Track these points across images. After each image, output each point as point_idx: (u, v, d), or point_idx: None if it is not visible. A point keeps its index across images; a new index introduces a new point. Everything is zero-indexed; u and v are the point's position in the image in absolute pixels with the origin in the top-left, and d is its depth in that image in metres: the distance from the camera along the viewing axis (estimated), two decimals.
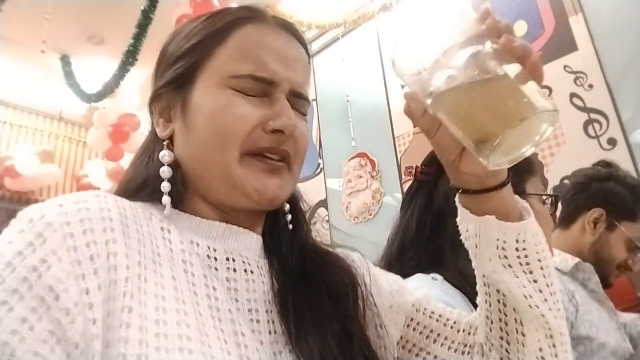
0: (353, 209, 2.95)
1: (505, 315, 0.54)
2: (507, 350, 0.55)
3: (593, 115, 2.10)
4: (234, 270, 0.50)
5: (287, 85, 0.52)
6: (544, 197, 1.07)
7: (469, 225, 0.54)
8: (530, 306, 0.51)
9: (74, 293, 0.37)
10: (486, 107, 0.44)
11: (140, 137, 3.84)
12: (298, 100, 0.54)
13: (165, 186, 0.51)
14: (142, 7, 2.96)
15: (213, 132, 0.50)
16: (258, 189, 0.50)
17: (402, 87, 2.88)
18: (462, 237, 0.56)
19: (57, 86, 4.08)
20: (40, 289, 0.36)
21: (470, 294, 0.84)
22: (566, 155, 2.10)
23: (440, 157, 0.53)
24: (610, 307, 1.27)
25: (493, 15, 0.45)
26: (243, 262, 0.51)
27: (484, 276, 0.55)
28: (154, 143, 0.56)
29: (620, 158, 1.84)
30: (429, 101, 0.46)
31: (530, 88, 0.42)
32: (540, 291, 0.52)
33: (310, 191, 3.18)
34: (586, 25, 2.21)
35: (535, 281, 0.52)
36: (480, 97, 0.43)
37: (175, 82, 0.54)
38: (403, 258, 0.94)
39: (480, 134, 0.43)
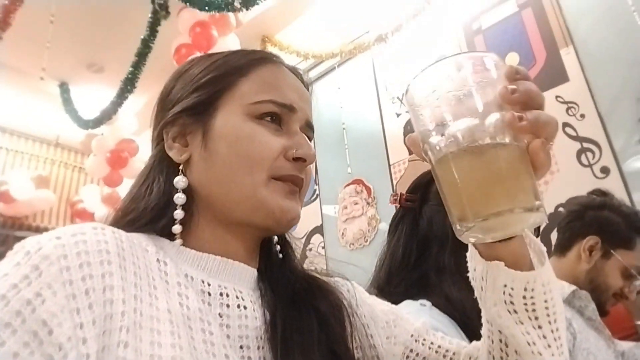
0: (349, 235, 2.94)
1: (507, 354, 0.53)
2: None
3: (586, 145, 2.13)
4: (227, 305, 0.49)
5: (302, 115, 0.57)
6: None
7: (477, 266, 0.52)
8: (532, 353, 0.50)
9: (68, 327, 0.36)
10: (466, 189, 0.41)
11: (139, 162, 3.84)
12: (309, 130, 0.59)
13: (178, 214, 0.52)
14: (142, 37, 3.01)
15: (239, 156, 0.52)
16: (282, 208, 0.52)
17: (397, 115, 2.91)
18: (469, 275, 0.54)
19: (55, 113, 4.10)
20: (34, 323, 0.35)
21: (458, 319, 0.84)
22: (560, 184, 2.12)
23: None
24: (608, 335, 1.26)
25: (515, 82, 0.42)
26: (237, 297, 0.50)
27: (487, 317, 0.54)
28: (161, 170, 0.55)
29: (614, 186, 1.86)
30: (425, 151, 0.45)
31: (519, 179, 0.40)
32: (544, 337, 0.51)
33: (306, 217, 3.18)
34: (577, 56, 2.27)
35: (539, 327, 0.50)
36: (464, 178, 0.41)
37: (196, 108, 0.55)
38: (390, 284, 0.94)
39: (456, 212, 0.42)
